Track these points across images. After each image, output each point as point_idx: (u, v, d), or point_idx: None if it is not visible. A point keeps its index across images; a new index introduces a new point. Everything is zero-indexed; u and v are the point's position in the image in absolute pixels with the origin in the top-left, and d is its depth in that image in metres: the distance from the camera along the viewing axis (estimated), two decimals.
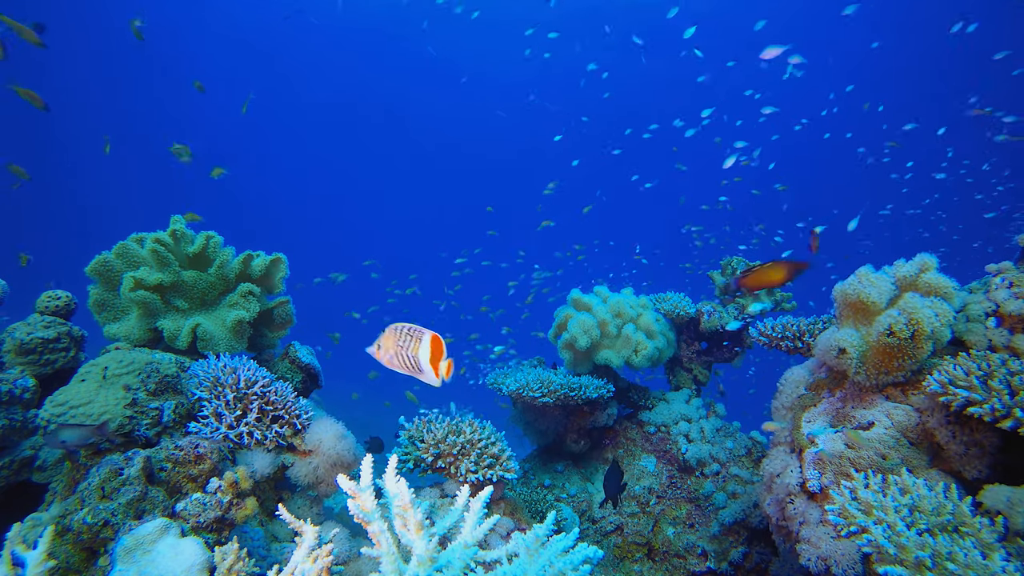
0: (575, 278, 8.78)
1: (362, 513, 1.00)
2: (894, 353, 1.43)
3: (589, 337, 2.57)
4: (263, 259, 2.11)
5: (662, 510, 2.51)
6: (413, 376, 1.24)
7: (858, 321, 1.54)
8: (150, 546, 1.04)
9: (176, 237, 2.00)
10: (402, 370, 1.22)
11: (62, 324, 1.88)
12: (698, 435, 2.66)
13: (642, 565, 2.38)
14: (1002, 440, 1.28)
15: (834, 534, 1.32)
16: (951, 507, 1.12)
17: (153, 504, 1.18)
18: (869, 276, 1.53)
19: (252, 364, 1.65)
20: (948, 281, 1.49)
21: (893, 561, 1.03)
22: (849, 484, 1.25)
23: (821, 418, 1.59)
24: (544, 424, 2.74)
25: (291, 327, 2.28)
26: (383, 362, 1.23)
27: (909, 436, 1.41)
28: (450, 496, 1.74)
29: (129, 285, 1.84)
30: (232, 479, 1.25)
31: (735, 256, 2.99)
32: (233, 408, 1.55)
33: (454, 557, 1.06)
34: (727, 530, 2.34)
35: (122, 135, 19.83)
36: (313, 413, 1.70)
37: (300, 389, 2.10)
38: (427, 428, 1.79)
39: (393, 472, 1.08)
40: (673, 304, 2.86)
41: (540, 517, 2.39)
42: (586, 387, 2.46)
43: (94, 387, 1.46)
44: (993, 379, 1.23)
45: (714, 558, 2.29)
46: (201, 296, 2.04)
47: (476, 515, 1.12)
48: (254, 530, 1.41)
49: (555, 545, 1.06)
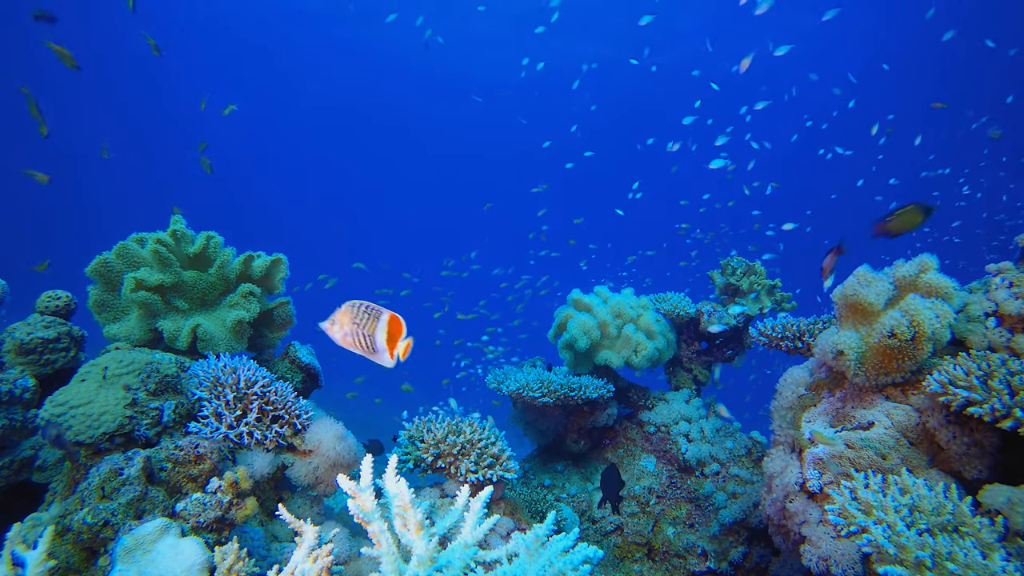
0: (564, 278, 8.78)
1: (362, 513, 1.00)
2: (894, 354, 1.43)
3: (589, 338, 2.57)
4: (263, 260, 2.11)
5: (662, 510, 2.51)
6: (366, 356, 1.17)
7: (858, 322, 1.54)
8: (150, 546, 1.04)
9: (177, 237, 2.00)
10: (356, 349, 1.16)
11: (62, 324, 1.88)
12: (698, 435, 2.66)
13: (642, 565, 2.38)
14: (1002, 440, 1.28)
15: (834, 534, 1.32)
16: (951, 507, 1.12)
17: (153, 504, 1.18)
18: (868, 277, 1.53)
19: (252, 364, 1.65)
20: (948, 281, 1.48)
21: (893, 561, 1.03)
22: (849, 484, 1.25)
23: (821, 418, 1.59)
24: (544, 424, 2.74)
25: (291, 327, 2.28)
26: (336, 339, 1.16)
27: (909, 436, 1.41)
28: (450, 496, 1.74)
29: (130, 286, 1.84)
30: (232, 479, 1.25)
31: (735, 256, 2.99)
32: (233, 408, 1.55)
33: (454, 557, 1.06)
34: (727, 530, 2.34)
35: (122, 135, 19.85)
36: (313, 413, 1.70)
37: (300, 389, 2.10)
38: (427, 428, 1.79)
39: (393, 472, 1.08)
40: (673, 304, 2.86)
41: (540, 517, 2.39)
42: (586, 387, 2.46)
43: (94, 387, 1.46)
44: (993, 379, 1.23)
45: (714, 558, 2.29)
46: (201, 296, 2.04)
47: (476, 515, 1.12)
48: (254, 530, 1.41)
49: (555, 545, 1.06)
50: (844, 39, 12.90)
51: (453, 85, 18.56)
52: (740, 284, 2.92)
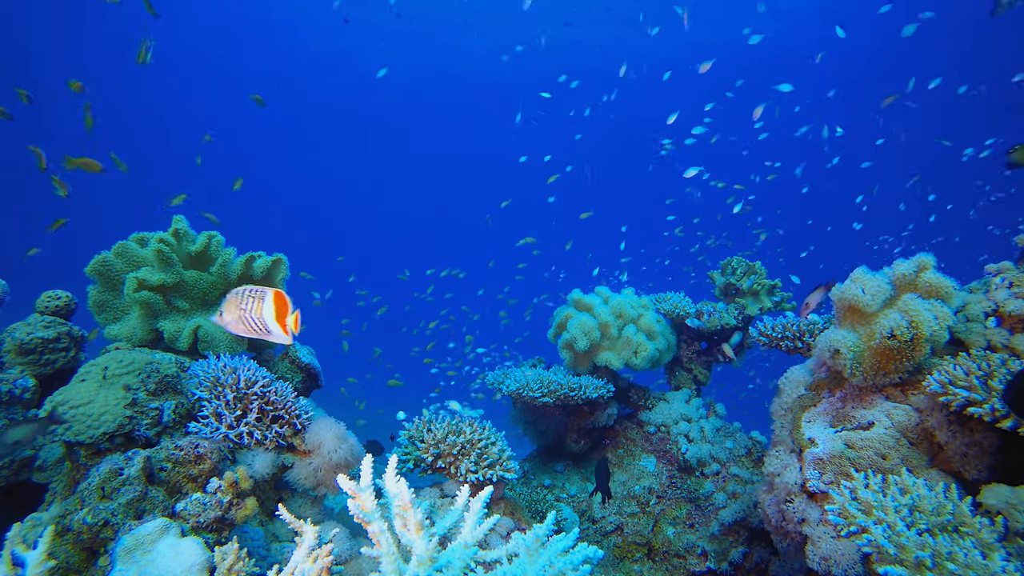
0: (539, 283, 8.80)
1: (362, 513, 1.00)
2: (892, 355, 1.43)
3: (589, 339, 2.57)
4: (264, 260, 2.11)
5: (662, 510, 2.51)
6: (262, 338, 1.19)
7: (856, 322, 1.54)
8: (150, 546, 1.04)
9: (179, 236, 2.00)
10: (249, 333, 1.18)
11: (62, 324, 1.89)
12: (698, 435, 2.66)
13: (642, 565, 2.38)
14: (1002, 440, 1.28)
15: (834, 534, 1.32)
16: (951, 507, 1.12)
17: (153, 504, 1.18)
18: (864, 278, 1.52)
19: (252, 364, 1.65)
20: (947, 281, 1.47)
21: (893, 561, 1.03)
22: (849, 484, 1.25)
23: (821, 418, 1.59)
24: (544, 424, 2.74)
25: None
26: (228, 328, 1.19)
27: (909, 436, 1.41)
28: (450, 496, 1.74)
29: (132, 286, 1.84)
30: (232, 479, 1.25)
31: (735, 256, 2.99)
32: (233, 408, 1.55)
33: (454, 557, 1.06)
34: (727, 530, 2.34)
35: (121, 135, 19.83)
36: (313, 413, 1.71)
37: (300, 389, 2.10)
38: (427, 428, 1.79)
39: (393, 472, 1.08)
40: (673, 304, 2.86)
41: (540, 517, 2.39)
42: (586, 387, 2.46)
43: (94, 387, 1.46)
44: (993, 379, 1.23)
45: (714, 558, 2.29)
46: (202, 296, 2.04)
47: (476, 515, 1.12)
48: (254, 530, 1.41)
49: (555, 545, 1.06)
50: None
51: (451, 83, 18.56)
52: (740, 284, 2.92)
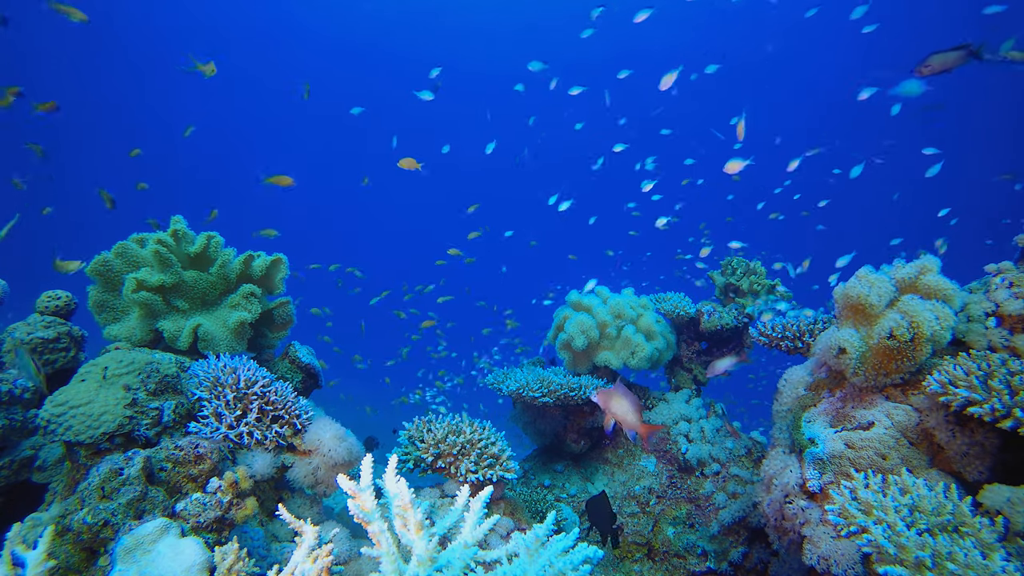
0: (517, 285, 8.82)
1: (362, 513, 1.00)
2: (893, 355, 1.43)
3: (587, 337, 2.57)
4: (264, 260, 2.11)
5: (662, 510, 2.51)
6: None
7: (858, 322, 1.54)
8: (150, 546, 1.04)
9: (177, 237, 2.00)
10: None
11: (62, 324, 1.89)
12: (698, 435, 2.66)
13: (642, 565, 2.38)
14: (1002, 440, 1.28)
15: (834, 534, 1.32)
16: (951, 507, 1.12)
17: (153, 504, 1.18)
18: (869, 278, 1.53)
19: (252, 364, 1.65)
20: (949, 283, 1.48)
21: (893, 561, 1.03)
22: (849, 484, 1.25)
23: (821, 418, 1.59)
24: (544, 424, 2.74)
25: (291, 327, 2.28)
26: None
27: (909, 436, 1.41)
28: (450, 496, 1.74)
29: (132, 286, 1.84)
30: (232, 479, 1.25)
31: (735, 256, 2.99)
32: (233, 408, 1.55)
33: (454, 557, 1.06)
34: (727, 530, 2.34)
35: (121, 134, 19.83)
36: (313, 413, 1.70)
37: (300, 389, 2.10)
38: (427, 428, 1.79)
39: (393, 472, 1.08)
40: (673, 304, 2.86)
41: (540, 517, 2.39)
42: (586, 387, 2.46)
43: (94, 387, 1.46)
44: (993, 379, 1.23)
45: (714, 558, 2.29)
46: (202, 296, 2.04)
47: (476, 515, 1.12)
48: (254, 530, 1.41)
49: (555, 545, 1.06)
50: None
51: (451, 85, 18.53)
52: (740, 284, 2.92)
